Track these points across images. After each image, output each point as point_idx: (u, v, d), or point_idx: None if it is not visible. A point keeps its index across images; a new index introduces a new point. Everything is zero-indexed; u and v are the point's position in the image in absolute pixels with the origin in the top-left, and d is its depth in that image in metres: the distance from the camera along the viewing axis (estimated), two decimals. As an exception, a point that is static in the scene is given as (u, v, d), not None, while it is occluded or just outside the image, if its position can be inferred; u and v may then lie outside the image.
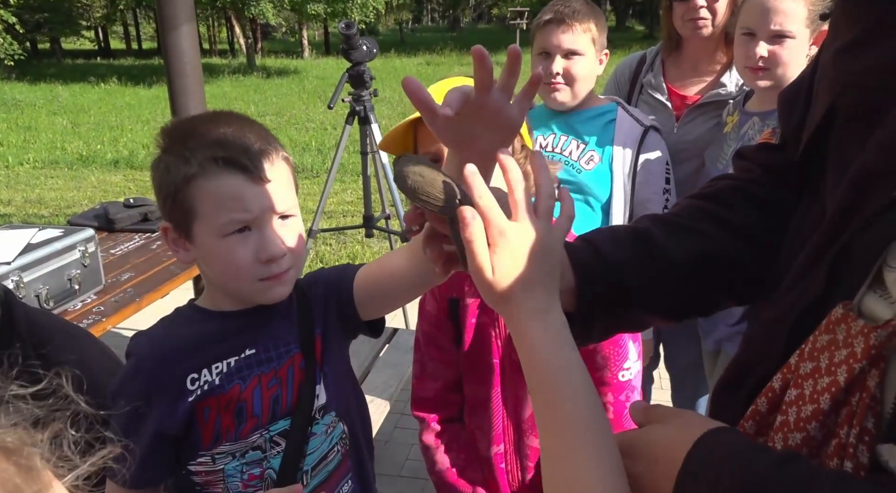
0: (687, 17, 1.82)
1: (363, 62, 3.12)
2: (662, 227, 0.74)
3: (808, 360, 0.54)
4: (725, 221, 0.74)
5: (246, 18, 23.96)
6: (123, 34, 42.16)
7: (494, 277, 0.59)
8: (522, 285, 0.59)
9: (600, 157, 1.71)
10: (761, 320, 0.66)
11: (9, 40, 17.56)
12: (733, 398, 0.64)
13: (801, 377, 0.54)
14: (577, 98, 1.71)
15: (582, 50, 1.66)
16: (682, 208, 0.79)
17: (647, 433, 0.61)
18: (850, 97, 0.58)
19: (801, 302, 0.58)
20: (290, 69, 20.74)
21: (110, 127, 10.81)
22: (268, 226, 0.88)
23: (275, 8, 23.26)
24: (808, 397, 0.53)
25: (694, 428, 0.56)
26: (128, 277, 2.21)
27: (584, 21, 1.65)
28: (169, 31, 2.76)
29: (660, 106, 1.92)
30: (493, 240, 0.59)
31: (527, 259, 0.59)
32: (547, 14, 1.69)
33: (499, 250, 0.59)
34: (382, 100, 10.96)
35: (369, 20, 24.92)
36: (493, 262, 0.59)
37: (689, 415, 0.62)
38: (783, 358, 0.58)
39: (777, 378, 0.58)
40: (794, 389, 0.54)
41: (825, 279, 0.56)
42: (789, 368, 0.57)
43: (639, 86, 2.00)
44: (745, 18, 1.62)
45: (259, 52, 27.21)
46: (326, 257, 5.06)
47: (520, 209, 0.60)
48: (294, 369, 0.96)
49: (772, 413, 0.58)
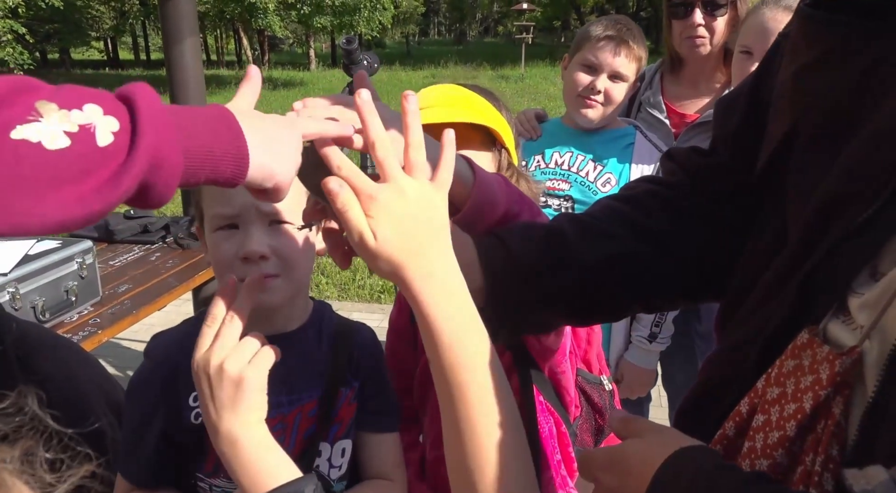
0: (685, 35, 1.82)
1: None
2: (577, 227, 0.74)
3: (774, 385, 0.55)
4: (639, 226, 0.74)
5: (253, 30, 24.18)
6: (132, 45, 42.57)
7: (377, 243, 0.56)
8: (408, 247, 0.56)
9: (617, 180, 1.70)
10: (728, 342, 0.66)
11: (19, 50, 17.75)
12: (699, 421, 0.65)
13: (768, 403, 0.54)
14: (603, 119, 1.71)
15: (627, 75, 1.66)
16: (599, 210, 0.79)
17: (624, 446, 0.61)
18: (812, 118, 0.59)
19: (768, 326, 0.59)
20: (296, 81, 20.88)
21: (116, 137, 10.86)
22: (252, 224, 0.86)
23: (282, 20, 23.46)
24: (774, 424, 0.53)
25: (668, 445, 0.56)
26: (125, 288, 2.22)
27: (639, 48, 1.66)
28: (172, 45, 2.80)
29: (658, 124, 1.92)
30: (366, 207, 0.56)
31: (407, 219, 0.56)
32: (607, 29, 1.65)
33: (375, 215, 0.55)
34: (387, 112, 10.98)
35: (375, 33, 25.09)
36: (372, 228, 0.56)
37: (668, 432, 0.62)
38: (750, 382, 0.58)
39: (744, 402, 0.58)
40: (762, 414, 0.55)
41: (792, 304, 0.56)
42: (756, 392, 0.57)
43: (637, 103, 2.00)
44: (744, 37, 1.63)
45: (266, 64, 27.42)
46: (328, 269, 5.07)
47: (386, 168, 0.57)
48: (301, 417, 0.89)
49: (739, 438, 0.58)
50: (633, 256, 0.73)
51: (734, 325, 0.65)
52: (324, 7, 22.50)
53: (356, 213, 0.56)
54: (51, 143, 0.43)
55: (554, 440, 0.98)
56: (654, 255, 0.74)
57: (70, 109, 0.44)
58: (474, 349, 0.57)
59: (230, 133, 0.53)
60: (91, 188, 0.44)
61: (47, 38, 26.26)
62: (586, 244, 0.73)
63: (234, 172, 0.53)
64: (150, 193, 0.49)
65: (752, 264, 0.66)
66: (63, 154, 0.43)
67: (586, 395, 1.05)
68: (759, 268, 0.63)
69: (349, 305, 4.54)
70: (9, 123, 0.42)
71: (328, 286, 4.80)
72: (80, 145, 0.44)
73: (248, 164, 0.53)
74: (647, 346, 1.81)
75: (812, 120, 0.59)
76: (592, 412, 1.06)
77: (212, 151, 0.51)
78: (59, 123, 0.43)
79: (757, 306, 0.61)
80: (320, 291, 4.74)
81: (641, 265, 0.74)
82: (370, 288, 4.76)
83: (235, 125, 0.53)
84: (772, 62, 0.68)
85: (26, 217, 0.43)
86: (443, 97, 1.06)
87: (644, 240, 0.74)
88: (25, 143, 0.42)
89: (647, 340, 1.80)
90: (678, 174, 0.79)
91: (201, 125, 0.51)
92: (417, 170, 0.59)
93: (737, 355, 0.62)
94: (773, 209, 0.65)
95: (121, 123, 0.46)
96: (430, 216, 0.58)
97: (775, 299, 0.59)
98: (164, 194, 0.50)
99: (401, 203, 0.56)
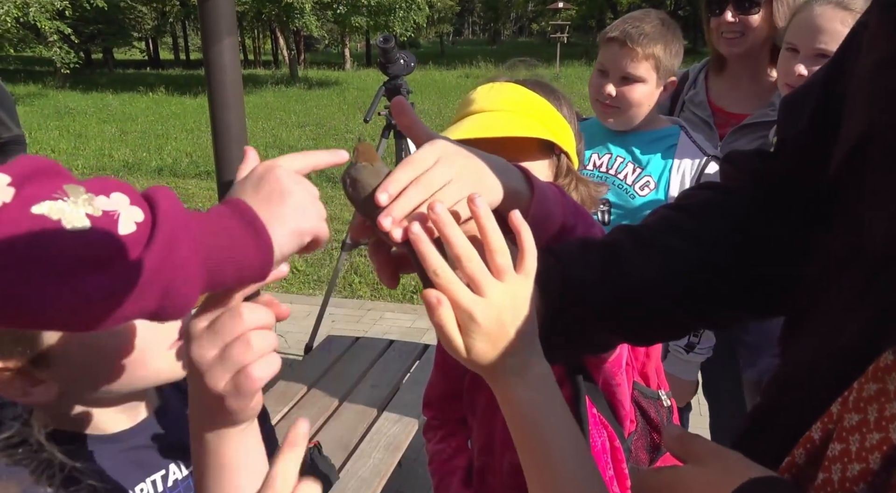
0: (719, 32, 1.77)
1: (400, 76, 3.13)
2: (635, 242, 0.70)
3: (853, 411, 0.50)
4: (700, 239, 0.70)
5: (290, 31, 24.45)
6: (172, 45, 43.45)
7: (470, 356, 0.57)
8: (499, 352, 0.57)
9: (656, 183, 1.62)
10: (794, 360, 0.61)
11: (65, 49, 18.24)
12: (761, 445, 0.60)
13: (846, 430, 0.50)
14: (630, 123, 1.63)
15: (641, 76, 1.55)
16: (657, 221, 0.74)
17: (684, 472, 0.57)
18: (893, 117, 0.54)
19: (841, 344, 0.54)
20: (331, 81, 21.06)
21: (156, 135, 11.10)
22: None
23: (318, 20, 23.67)
24: (854, 455, 0.48)
25: (733, 473, 0.52)
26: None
27: (649, 46, 1.53)
28: (211, 45, 2.81)
29: (702, 124, 1.86)
30: (463, 324, 0.56)
31: (502, 330, 0.57)
32: (614, 30, 1.58)
33: (471, 334, 0.56)
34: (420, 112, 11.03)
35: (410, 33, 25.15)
36: (466, 345, 0.57)
37: (732, 458, 0.57)
38: (822, 405, 0.54)
39: (817, 428, 0.53)
40: (839, 443, 0.50)
41: (870, 320, 0.52)
42: (830, 417, 0.52)
43: (680, 103, 1.95)
44: (791, 33, 1.57)
45: (302, 64, 27.71)
46: (362, 268, 5.08)
47: (480, 282, 0.56)
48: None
49: (811, 467, 0.53)
50: (695, 272, 0.69)
51: (801, 341, 0.60)
52: (360, 7, 22.62)
53: (452, 329, 0.56)
54: (70, 222, 0.41)
55: (607, 455, 0.94)
56: (717, 270, 0.69)
57: (97, 194, 0.43)
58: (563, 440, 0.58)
59: (245, 225, 0.50)
60: (105, 278, 0.42)
61: (91, 38, 26.94)
62: (645, 261, 0.68)
63: (261, 262, 0.51)
64: (171, 295, 0.45)
65: (821, 275, 0.61)
66: (81, 235, 0.41)
67: (642, 410, 1.01)
68: (829, 279, 0.58)
69: (381, 305, 4.53)
70: (33, 197, 0.40)
71: (361, 286, 4.81)
72: (101, 230, 0.42)
73: (272, 249, 0.51)
74: (684, 356, 1.74)
75: (893, 118, 0.54)
76: (648, 427, 1.01)
77: (233, 245, 0.49)
78: (84, 206, 0.42)
79: (828, 321, 0.57)
80: (353, 290, 4.75)
81: (704, 281, 0.69)
82: (403, 288, 4.75)
83: (249, 211, 0.51)
84: (847, 54, 0.63)
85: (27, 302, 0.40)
86: (500, 100, 1.00)
87: (706, 254, 0.69)
88: (44, 218, 0.40)
89: (685, 350, 1.74)
90: (741, 180, 0.74)
91: (219, 226, 0.50)
92: (506, 273, 0.57)
93: (805, 375, 0.57)
94: (847, 216, 0.60)
95: (145, 215, 0.45)
96: (520, 317, 0.58)
97: (850, 315, 0.54)
98: (186, 298, 0.47)
99: (496, 320, 0.56)
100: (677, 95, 1.95)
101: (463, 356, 0.57)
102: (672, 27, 1.59)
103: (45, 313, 0.41)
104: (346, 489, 1.90)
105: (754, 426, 0.63)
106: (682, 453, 0.58)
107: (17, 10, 15.89)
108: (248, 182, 0.55)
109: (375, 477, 1.95)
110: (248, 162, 0.61)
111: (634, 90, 1.57)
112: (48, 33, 17.15)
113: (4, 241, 0.38)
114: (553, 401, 0.59)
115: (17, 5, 15.86)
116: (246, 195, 0.53)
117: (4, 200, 0.39)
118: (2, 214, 0.39)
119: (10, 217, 0.39)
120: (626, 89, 1.57)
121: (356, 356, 2.73)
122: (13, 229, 0.39)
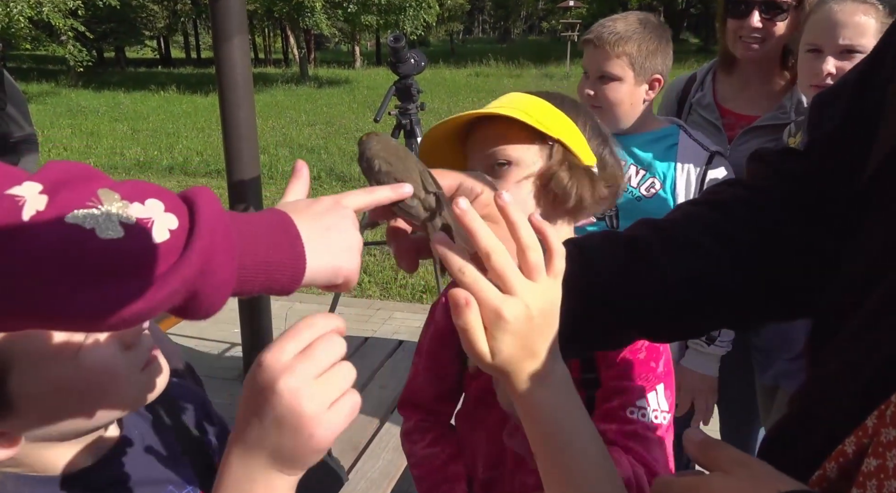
0: (740, 35, 1.72)
1: (411, 75, 3.12)
2: (659, 238, 0.68)
3: (890, 425, 0.48)
4: (726, 237, 0.68)
5: (300, 29, 24.50)
6: (184, 44, 43.68)
7: (495, 361, 0.54)
8: (523, 355, 0.55)
9: (661, 183, 1.62)
10: (824, 371, 0.59)
11: (78, 47, 18.37)
12: (789, 457, 0.58)
13: (883, 446, 0.47)
14: (617, 124, 1.63)
15: (616, 74, 1.59)
16: (682, 216, 0.72)
17: (708, 480, 0.55)
18: None
19: (876, 355, 0.52)
20: (341, 79, 21.09)
21: (167, 134, 11.15)
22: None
23: (329, 19, 23.71)
24: (892, 471, 0.46)
25: (761, 483, 0.49)
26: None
27: (620, 45, 1.56)
28: (221, 43, 2.81)
29: (710, 127, 1.82)
30: (489, 324, 0.53)
31: (531, 336, 0.54)
32: (590, 33, 1.64)
33: (497, 335, 0.53)
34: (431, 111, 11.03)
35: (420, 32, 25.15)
36: (492, 348, 0.53)
37: (757, 466, 0.55)
38: (855, 418, 0.51)
39: (850, 441, 0.51)
40: (875, 458, 0.48)
41: None
42: (865, 431, 0.50)
43: (688, 106, 1.91)
44: (810, 34, 1.53)
45: (312, 62, 27.76)
46: (371, 267, 5.07)
47: (508, 280, 0.53)
48: None
49: (843, 481, 0.51)
50: (721, 271, 0.67)
51: (831, 351, 0.58)
52: (370, 5, 22.64)
53: (478, 333, 0.53)
54: (104, 232, 0.41)
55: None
56: (743, 269, 0.67)
57: (132, 201, 0.42)
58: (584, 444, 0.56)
59: (288, 240, 0.50)
60: (135, 286, 0.42)
61: (104, 37, 27.12)
62: (669, 258, 0.66)
63: (290, 280, 0.51)
64: (198, 300, 0.45)
65: (851, 283, 0.59)
66: (114, 245, 0.41)
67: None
68: (861, 288, 0.56)
69: (391, 304, 4.52)
70: (67, 205, 0.40)
71: (370, 285, 4.80)
72: (134, 239, 0.41)
73: (303, 273, 0.51)
74: (704, 349, 1.69)
75: None
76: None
77: (268, 263, 0.49)
78: (117, 214, 0.41)
79: (861, 331, 0.54)
80: (363, 289, 4.74)
81: (729, 281, 0.67)
82: (412, 288, 4.74)
83: (293, 230, 0.51)
84: (883, 53, 0.61)
85: (59, 310, 0.40)
86: (498, 103, 0.99)
87: (732, 253, 0.67)
88: (78, 229, 0.40)
89: (706, 342, 1.70)
90: (769, 179, 0.71)
91: (260, 233, 0.49)
92: (538, 271, 0.54)
93: (837, 387, 0.55)
94: (880, 221, 0.57)
95: (180, 221, 0.44)
96: (550, 320, 0.56)
97: (885, 325, 0.52)
98: (212, 303, 0.46)
99: (526, 319, 0.53)
100: (684, 98, 1.92)
101: (486, 362, 0.54)
102: (652, 27, 1.61)
103: (73, 317, 0.41)
104: (356, 489, 1.89)
105: (782, 437, 0.61)
106: (703, 459, 0.55)
107: (30, 10, 16.01)
108: (311, 208, 0.55)
109: (385, 478, 1.94)
110: (300, 177, 0.61)
111: (611, 88, 1.60)
112: (62, 31, 17.28)
113: (38, 249, 0.38)
114: (573, 404, 0.58)
115: (30, 4, 15.98)
116: (300, 217, 0.53)
117: (38, 208, 0.39)
118: (35, 222, 0.39)
119: (43, 226, 0.39)
120: (604, 88, 1.61)
121: (365, 357, 2.72)
122: (47, 238, 0.39)
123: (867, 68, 0.64)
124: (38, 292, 0.39)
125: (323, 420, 0.53)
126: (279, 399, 0.52)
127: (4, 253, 0.38)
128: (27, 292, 0.39)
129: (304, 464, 0.55)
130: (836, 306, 0.60)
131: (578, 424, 0.57)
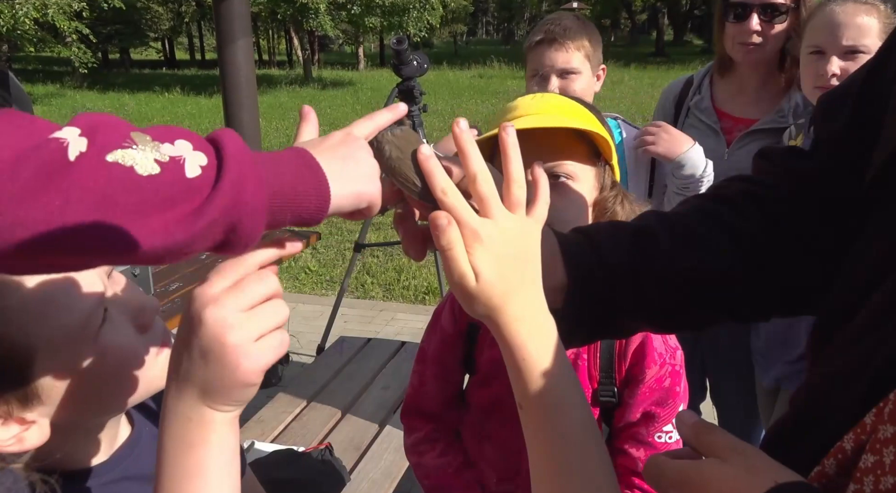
0: (738, 39, 1.71)
1: (413, 77, 3.12)
2: (667, 229, 0.68)
3: (888, 422, 0.48)
4: (735, 232, 0.68)
5: (304, 31, 24.55)
6: (188, 46, 43.80)
7: (478, 284, 0.54)
8: (506, 288, 0.54)
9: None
10: (826, 369, 0.59)
11: (83, 49, 18.44)
12: (789, 455, 0.58)
13: (880, 442, 0.48)
14: None
15: (577, 68, 1.62)
16: (691, 210, 0.72)
17: (704, 467, 0.54)
18: None
19: (878, 355, 0.52)
20: (345, 81, 21.11)
21: (171, 135, 11.17)
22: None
23: (333, 21, 23.76)
24: (888, 467, 0.46)
25: (758, 473, 0.49)
26: (176, 287, 2.24)
27: (577, 38, 1.61)
28: (226, 45, 2.83)
29: (708, 130, 1.82)
30: (469, 243, 0.53)
31: (507, 260, 0.54)
32: (537, 34, 1.65)
33: (477, 254, 0.53)
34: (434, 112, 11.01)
35: (423, 34, 25.17)
36: (474, 267, 0.53)
37: (753, 455, 0.54)
38: (855, 416, 0.51)
39: (849, 438, 0.51)
40: (872, 454, 0.48)
41: None
42: (864, 428, 0.50)
43: (685, 109, 1.91)
44: (812, 36, 1.53)
45: (316, 64, 27.81)
46: (374, 268, 5.07)
47: (489, 204, 0.54)
48: None
49: (842, 477, 0.51)
50: (728, 265, 0.67)
51: (834, 350, 0.58)
52: (374, 7, 22.67)
53: (460, 252, 0.53)
54: (143, 169, 0.44)
55: None
56: (750, 264, 0.67)
57: (162, 142, 0.46)
58: (568, 390, 0.56)
59: (310, 171, 0.53)
60: (176, 218, 0.45)
61: (109, 38, 27.22)
62: (678, 249, 0.66)
63: (317, 208, 0.53)
64: (237, 231, 0.48)
65: (855, 283, 0.59)
66: (153, 180, 0.44)
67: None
68: (865, 287, 0.56)
69: (394, 305, 4.53)
70: (105, 146, 0.43)
71: (373, 286, 4.80)
72: (170, 174, 0.45)
73: (329, 199, 0.53)
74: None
75: None
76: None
77: (296, 190, 0.51)
78: (152, 152, 0.45)
79: (863, 330, 0.55)
80: (366, 290, 4.75)
81: (736, 275, 0.67)
82: (415, 289, 4.75)
83: (314, 162, 0.54)
84: (889, 53, 0.61)
85: (112, 242, 0.43)
86: (545, 106, 0.99)
87: (740, 247, 0.67)
88: (118, 166, 0.43)
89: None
90: (776, 176, 0.72)
91: (284, 166, 0.52)
92: (519, 206, 0.56)
93: (838, 385, 0.55)
94: (884, 222, 0.58)
95: (208, 158, 0.47)
96: (527, 255, 0.56)
97: (887, 325, 0.52)
98: (250, 233, 0.48)
99: (502, 243, 0.54)
100: (681, 102, 1.92)
101: (470, 285, 0.54)
102: (587, 22, 1.69)
103: (124, 250, 0.44)
104: (358, 490, 1.89)
105: (782, 435, 0.61)
106: (696, 443, 0.55)
107: (35, 12, 16.08)
108: (325, 143, 0.58)
109: (387, 479, 1.94)
110: (308, 120, 0.64)
111: (574, 83, 1.63)
112: (67, 32, 17.34)
113: (86, 186, 0.42)
114: (557, 352, 0.57)
115: (35, 6, 16.04)
116: (317, 150, 0.56)
117: (80, 149, 0.42)
118: (81, 162, 0.42)
119: (89, 165, 0.42)
120: (567, 83, 1.62)
121: (368, 357, 2.72)
122: (94, 176, 0.42)
123: (873, 68, 0.64)
124: (90, 226, 0.42)
125: (249, 351, 0.53)
126: (204, 329, 0.52)
127: (60, 191, 0.41)
128: (80, 227, 0.42)
129: (234, 399, 0.55)
130: (839, 306, 0.60)
131: (569, 385, 0.56)
